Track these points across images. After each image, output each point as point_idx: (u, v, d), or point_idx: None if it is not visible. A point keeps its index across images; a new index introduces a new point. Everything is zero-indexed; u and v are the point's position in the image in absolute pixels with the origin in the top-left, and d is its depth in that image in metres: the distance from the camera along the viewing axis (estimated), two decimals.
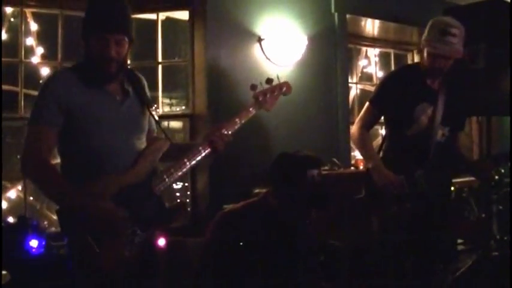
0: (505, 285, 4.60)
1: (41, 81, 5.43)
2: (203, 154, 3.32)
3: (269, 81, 3.71)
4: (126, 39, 3.18)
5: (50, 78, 3.26)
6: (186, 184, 6.29)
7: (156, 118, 3.47)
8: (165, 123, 6.63)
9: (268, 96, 3.68)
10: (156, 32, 6.12)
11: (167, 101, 7.22)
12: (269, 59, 6.09)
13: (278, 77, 3.76)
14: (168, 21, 6.23)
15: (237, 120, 3.50)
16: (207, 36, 5.86)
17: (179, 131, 7.48)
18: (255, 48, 6.06)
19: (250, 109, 3.59)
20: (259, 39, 6.05)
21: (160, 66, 6.17)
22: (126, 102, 3.28)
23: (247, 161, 5.78)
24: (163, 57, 6.18)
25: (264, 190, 4.03)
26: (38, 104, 3.15)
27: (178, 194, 6.85)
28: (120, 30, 3.15)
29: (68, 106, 3.09)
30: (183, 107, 6.66)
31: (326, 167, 5.72)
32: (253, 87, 3.63)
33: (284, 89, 3.81)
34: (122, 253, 3.04)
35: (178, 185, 6.84)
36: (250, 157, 5.80)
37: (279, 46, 6.08)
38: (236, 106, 3.71)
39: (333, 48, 6.62)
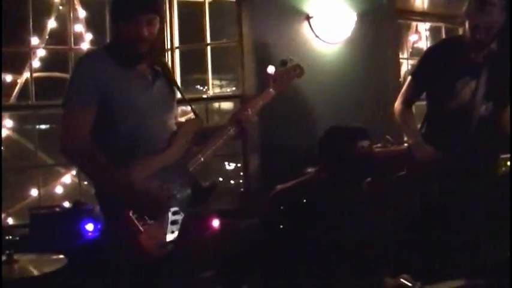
0: None
1: None
2: (232, 133, 3.40)
3: (283, 63, 3.73)
4: (158, 18, 3.18)
5: (83, 58, 3.29)
6: (239, 165, 6.29)
7: (186, 98, 3.60)
8: (215, 105, 6.65)
9: (284, 78, 3.71)
10: (203, 14, 6.10)
11: (217, 82, 7.22)
12: (318, 37, 6.03)
13: (291, 60, 3.79)
14: (215, 2, 6.21)
15: (259, 100, 3.59)
16: (254, 16, 5.83)
17: (230, 112, 7.48)
18: (304, 26, 6.00)
19: (270, 90, 3.63)
20: (308, 17, 5.98)
21: (209, 48, 6.15)
22: (156, 82, 3.31)
23: (299, 140, 5.76)
24: (211, 39, 6.17)
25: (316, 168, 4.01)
26: (72, 84, 3.17)
27: (231, 175, 6.86)
28: (152, 10, 3.15)
29: (102, 85, 3.10)
30: (234, 88, 6.64)
31: (379, 144, 5.66)
32: (270, 69, 3.68)
33: (297, 71, 3.81)
34: (165, 233, 3.09)
35: (230, 166, 6.85)
36: (301, 136, 5.78)
37: (328, 23, 6.01)
38: None
39: (382, 24, 6.52)
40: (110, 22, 3.25)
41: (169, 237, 3.11)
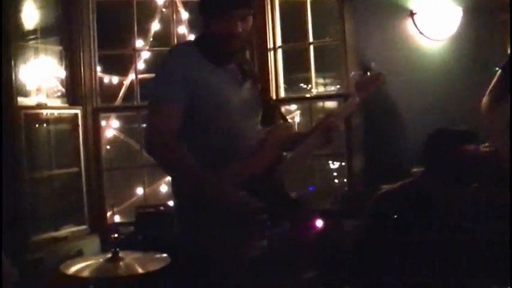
0: None
1: None
2: (319, 141, 3.15)
3: (366, 68, 3.47)
4: (252, 14, 3.00)
5: (172, 52, 3.14)
6: (343, 164, 6.23)
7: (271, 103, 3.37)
8: (320, 104, 6.62)
9: (366, 85, 3.42)
10: (305, 12, 6.10)
11: (321, 80, 7.19)
12: (422, 34, 5.92)
13: (373, 67, 3.50)
14: (317, 0, 6.19)
15: (345, 108, 3.48)
16: (357, 14, 5.77)
17: None
18: (408, 23, 5.91)
19: (355, 97, 3.36)
20: (412, 14, 5.89)
21: (311, 47, 6.14)
22: (245, 84, 3.11)
23: (403, 139, 5.68)
24: (314, 38, 6.15)
25: (422, 169, 3.93)
26: (161, 79, 2.98)
27: (335, 174, 6.80)
28: (246, 5, 2.97)
29: (193, 81, 2.90)
30: (338, 86, 6.60)
31: (486, 144, 5.51)
32: (354, 75, 3.52)
33: (380, 78, 3.48)
34: (253, 247, 2.92)
35: (334, 165, 6.79)
36: (405, 136, 5.70)
37: (433, 20, 5.90)
38: (390, 83, 3.64)
39: (489, 19, 6.34)
40: (200, 16, 3.05)
41: (258, 248, 2.94)
